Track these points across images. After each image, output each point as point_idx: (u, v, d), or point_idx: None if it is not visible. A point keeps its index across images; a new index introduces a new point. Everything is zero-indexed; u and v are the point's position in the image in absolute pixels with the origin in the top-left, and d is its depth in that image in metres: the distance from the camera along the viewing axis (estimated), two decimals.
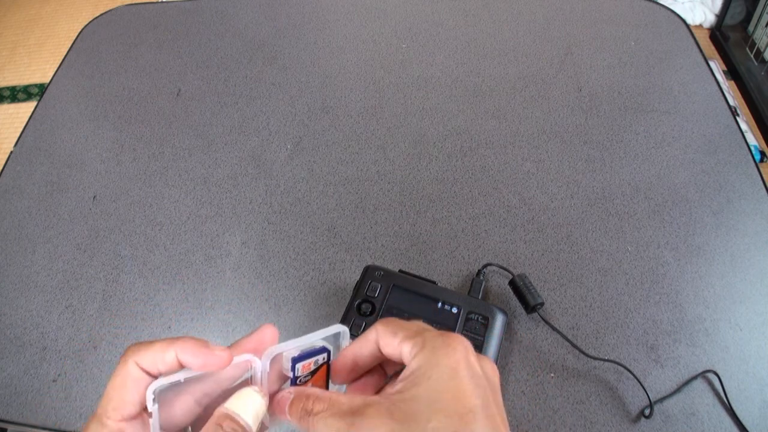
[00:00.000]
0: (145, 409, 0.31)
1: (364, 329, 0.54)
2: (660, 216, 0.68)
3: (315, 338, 0.33)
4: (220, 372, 0.32)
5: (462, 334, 0.45)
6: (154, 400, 0.30)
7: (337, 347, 0.34)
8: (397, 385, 0.29)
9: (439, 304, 0.56)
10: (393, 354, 0.31)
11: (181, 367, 0.31)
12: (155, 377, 0.31)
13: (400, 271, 0.60)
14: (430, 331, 0.30)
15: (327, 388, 0.34)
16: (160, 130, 0.83)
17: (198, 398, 0.32)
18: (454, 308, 0.56)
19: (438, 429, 0.26)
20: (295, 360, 0.32)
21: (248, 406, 0.32)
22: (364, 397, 0.30)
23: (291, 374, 0.32)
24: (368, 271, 0.59)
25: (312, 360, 0.32)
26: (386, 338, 0.32)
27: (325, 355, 0.33)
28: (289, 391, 0.32)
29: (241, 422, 0.31)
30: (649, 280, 0.63)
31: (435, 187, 0.73)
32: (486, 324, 0.55)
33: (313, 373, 0.33)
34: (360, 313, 0.56)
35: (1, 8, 2.48)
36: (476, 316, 0.55)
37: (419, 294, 0.57)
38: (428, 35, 0.93)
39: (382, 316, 0.55)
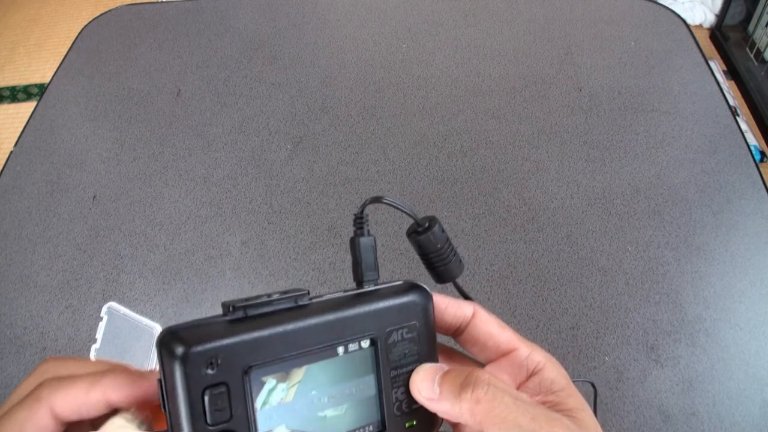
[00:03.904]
0: None
1: None
2: (660, 216, 0.68)
3: None
4: None
5: (392, 379, 0.29)
6: None
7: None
8: (547, 394, 0.28)
9: (341, 351, 0.28)
10: (496, 344, 0.30)
11: (110, 407, 0.24)
12: (70, 424, 0.25)
13: (225, 308, 0.26)
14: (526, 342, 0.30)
15: None
16: (160, 130, 0.83)
17: None
18: (364, 341, 0.29)
19: None
20: None
21: None
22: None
23: None
24: (185, 363, 0.24)
25: None
26: (493, 327, 0.31)
27: None
28: (434, 366, 0.29)
29: None
30: (649, 280, 0.63)
31: (435, 187, 0.73)
32: (415, 333, 0.30)
33: None
34: None
35: (1, 8, 2.48)
36: (398, 332, 0.30)
37: (298, 356, 0.27)
38: (428, 35, 0.93)
39: None
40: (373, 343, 0.29)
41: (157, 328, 0.62)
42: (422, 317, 0.31)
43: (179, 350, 0.24)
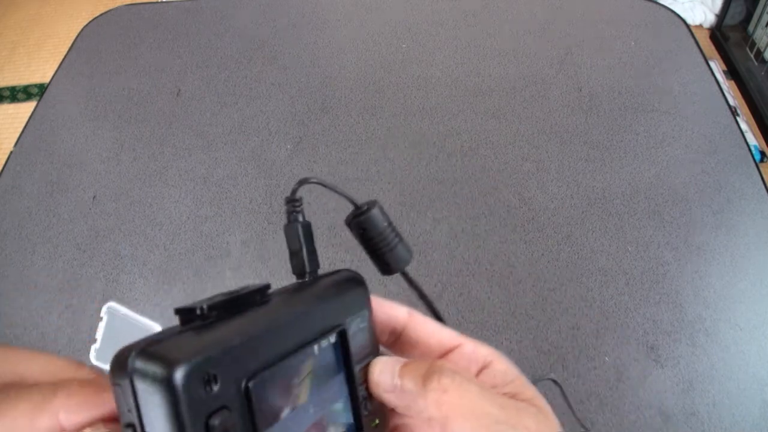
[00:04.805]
0: None
1: None
2: (660, 216, 0.68)
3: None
4: None
5: (357, 374, 0.26)
6: None
7: None
8: (503, 386, 0.27)
9: (315, 350, 0.23)
10: (439, 341, 0.28)
11: (63, 430, 0.19)
12: None
13: (187, 313, 0.22)
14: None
15: None
16: (160, 130, 0.83)
17: None
18: (331, 337, 0.24)
19: None
20: None
21: None
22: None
23: None
24: (181, 387, 0.17)
25: None
26: (432, 325, 0.28)
27: None
28: (392, 357, 0.26)
29: None
30: (649, 280, 0.63)
31: (435, 187, 0.73)
32: (367, 323, 0.28)
33: None
34: None
35: (1, 8, 2.48)
36: (355, 322, 0.26)
37: (286, 357, 0.22)
38: (428, 35, 0.93)
39: None
40: (341, 335, 0.25)
41: (157, 328, 0.62)
42: (368, 306, 0.27)
43: (163, 372, 0.16)
